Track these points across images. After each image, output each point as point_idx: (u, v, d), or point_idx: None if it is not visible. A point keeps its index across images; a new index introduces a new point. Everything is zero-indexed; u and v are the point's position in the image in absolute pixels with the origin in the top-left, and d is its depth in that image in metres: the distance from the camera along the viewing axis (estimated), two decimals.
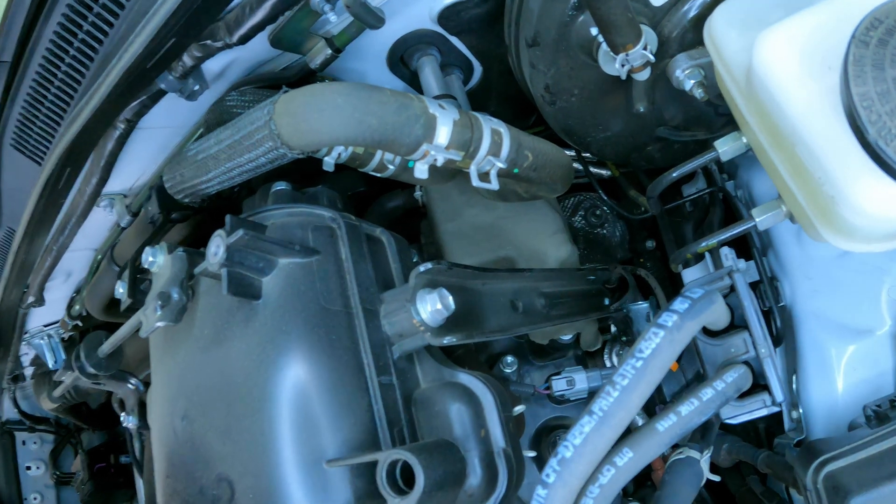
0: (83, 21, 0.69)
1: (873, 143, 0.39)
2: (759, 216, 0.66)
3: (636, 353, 0.48)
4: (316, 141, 0.59)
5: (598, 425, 0.47)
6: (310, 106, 0.58)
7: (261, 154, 0.61)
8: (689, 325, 0.49)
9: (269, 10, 0.65)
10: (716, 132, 0.87)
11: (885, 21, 0.39)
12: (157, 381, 0.71)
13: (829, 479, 0.63)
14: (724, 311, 0.52)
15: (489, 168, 0.67)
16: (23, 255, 1.01)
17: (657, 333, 0.48)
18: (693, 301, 0.51)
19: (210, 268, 0.59)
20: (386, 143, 0.59)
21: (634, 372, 0.48)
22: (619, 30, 0.62)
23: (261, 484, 0.55)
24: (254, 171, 0.66)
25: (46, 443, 1.93)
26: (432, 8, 0.81)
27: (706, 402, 0.52)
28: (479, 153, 0.65)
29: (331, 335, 0.60)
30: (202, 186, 0.71)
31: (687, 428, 0.51)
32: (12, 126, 0.90)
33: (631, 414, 0.48)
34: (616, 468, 0.48)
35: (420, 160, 0.63)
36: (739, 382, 0.56)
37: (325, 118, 0.57)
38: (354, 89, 0.59)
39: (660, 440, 0.50)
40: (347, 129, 0.57)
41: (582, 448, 0.47)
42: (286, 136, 0.58)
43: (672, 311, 0.50)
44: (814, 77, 0.44)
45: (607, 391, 0.48)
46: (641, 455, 0.49)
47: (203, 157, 0.68)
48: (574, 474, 0.47)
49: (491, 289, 0.75)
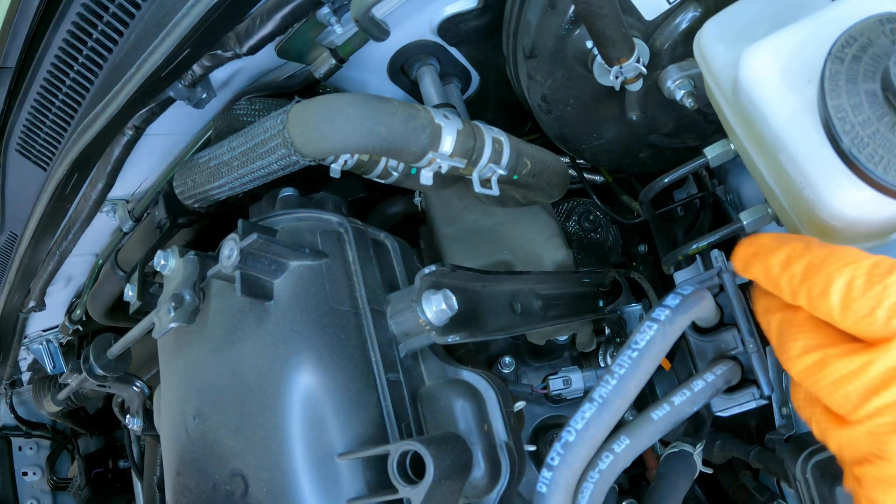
0: (93, 29, 0.70)
1: (847, 151, 0.43)
2: (746, 219, 0.69)
3: (632, 344, 0.51)
4: (328, 149, 0.61)
5: (598, 411, 0.50)
6: (322, 115, 0.60)
7: (273, 161, 0.63)
8: (680, 318, 0.52)
9: (278, 22, 0.67)
10: (705, 139, 0.91)
11: (860, 39, 0.42)
12: (168, 382, 0.72)
13: (818, 469, 0.67)
14: (712, 308, 0.55)
15: (490, 175, 0.70)
16: (27, 259, 1.02)
17: (651, 326, 0.51)
18: (684, 297, 0.54)
19: (224, 270, 0.61)
20: (394, 151, 0.62)
21: (630, 362, 0.50)
22: (613, 44, 0.66)
23: (274, 477, 0.57)
24: (265, 178, 0.68)
25: (43, 448, 1.92)
26: (433, 20, 0.84)
27: (697, 393, 0.56)
28: (482, 161, 0.68)
29: (340, 334, 0.62)
30: (213, 192, 0.73)
31: (679, 417, 0.54)
32: (18, 131, 0.91)
33: (628, 401, 0.51)
34: (614, 454, 0.51)
35: (425, 168, 0.65)
36: (728, 375, 0.59)
37: (336, 127, 0.60)
38: (365, 100, 0.62)
39: (654, 428, 0.53)
40: (358, 138, 0.60)
41: (584, 432, 0.50)
42: (299, 144, 0.61)
43: (664, 305, 0.53)
44: (794, 90, 0.47)
45: (606, 380, 0.51)
46: (638, 442, 0.52)
47: (216, 163, 0.70)
48: (577, 457, 0.50)
49: (491, 291, 0.78)
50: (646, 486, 1.09)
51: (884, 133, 0.42)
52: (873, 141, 0.42)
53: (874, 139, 0.42)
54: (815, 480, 0.67)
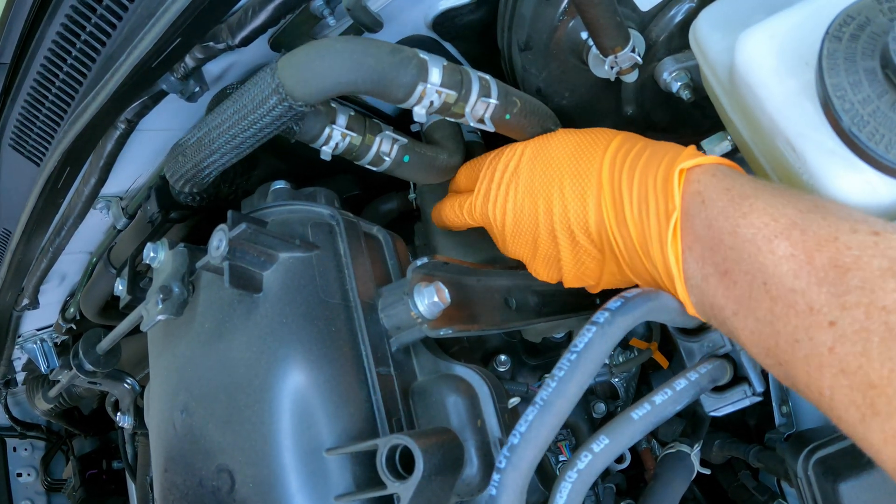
0: (86, 22, 0.70)
1: (847, 129, 0.42)
2: None
3: (572, 347, 0.52)
4: (320, 87, 0.61)
5: (540, 413, 0.50)
6: (311, 54, 0.61)
7: (266, 113, 0.62)
8: (621, 320, 0.52)
9: (271, 13, 0.67)
10: (702, 135, 0.90)
11: (857, 17, 0.42)
12: (157, 377, 0.71)
13: (819, 466, 0.65)
14: (670, 306, 0.54)
15: (483, 112, 0.69)
16: (20, 255, 1.01)
17: (590, 329, 0.52)
18: (625, 300, 0.54)
19: (212, 261, 0.60)
20: (385, 83, 0.62)
21: (569, 364, 0.51)
22: (607, 33, 0.65)
23: (261, 472, 0.56)
24: (257, 136, 0.66)
25: (37, 449, 1.91)
26: (427, 14, 0.83)
27: (680, 392, 0.55)
28: (472, 95, 0.68)
29: (330, 327, 0.61)
30: (205, 165, 0.72)
31: (661, 416, 0.53)
32: (11, 126, 0.90)
33: (570, 402, 0.51)
34: (593, 454, 0.51)
35: (417, 104, 0.65)
36: (714, 374, 0.58)
37: (326, 63, 0.60)
38: (350, 38, 0.63)
39: (635, 428, 0.52)
40: (349, 72, 0.60)
41: (527, 434, 0.50)
42: (291, 86, 0.60)
43: (606, 309, 0.53)
44: (791, 73, 0.46)
45: (547, 383, 0.52)
46: (617, 442, 0.52)
47: (205, 130, 0.69)
48: (523, 458, 0.50)
49: (485, 285, 0.77)
50: (644, 486, 1.07)
51: (884, 111, 0.41)
52: (874, 119, 0.41)
53: (874, 117, 0.41)
54: (816, 478, 0.66)
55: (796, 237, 0.44)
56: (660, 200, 0.54)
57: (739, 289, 0.47)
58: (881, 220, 0.42)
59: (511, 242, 0.73)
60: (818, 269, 0.42)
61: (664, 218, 0.54)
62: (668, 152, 0.57)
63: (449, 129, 0.86)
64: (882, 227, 0.41)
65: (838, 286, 0.40)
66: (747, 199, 0.48)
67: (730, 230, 0.48)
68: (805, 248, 0.43)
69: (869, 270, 0.39)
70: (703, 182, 0.53)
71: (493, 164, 0.74)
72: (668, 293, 0.55)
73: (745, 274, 0.47)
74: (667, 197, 0.54)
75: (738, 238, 0.47)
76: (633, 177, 0.58)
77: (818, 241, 0.42)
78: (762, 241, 0.46)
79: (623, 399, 1.05)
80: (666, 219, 0.53)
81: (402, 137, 0.77)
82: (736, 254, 0.48)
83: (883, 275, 0.39)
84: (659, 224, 0.54)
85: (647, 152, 0.59)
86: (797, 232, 0.44)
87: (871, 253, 0.40)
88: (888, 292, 0.38)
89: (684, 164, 0.54)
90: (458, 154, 0.83)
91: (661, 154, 0.58)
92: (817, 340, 0.41)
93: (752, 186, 0.50)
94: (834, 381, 0.40)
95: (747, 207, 0.48)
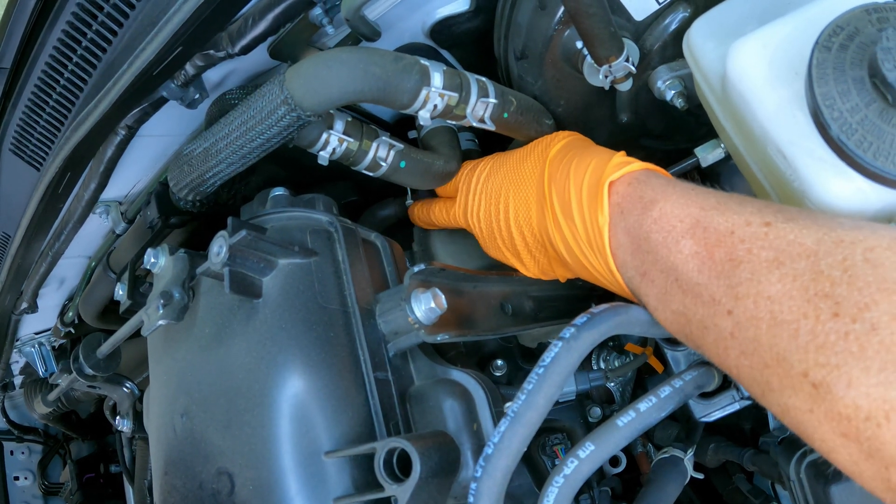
0: (88, 29, 0.71)
1: (836, 138, 0.43)
2: None
3: (540, 362, 0.54)
4: (327, 96, 0.62)
5: (511, 424, 0.53)
6: (319, 65, 0.62)
7: (274, 123, 0.63)
8: (586, 334, 0.54)
9: (270, 22, 0.68)
10: (696, 142, 0.91)
11: (847, 28, 0.43)
12: (157, 381, 0.72)
13: (811, 469, 0.66)
14: (642, 319, 0.56)
15: (483, 112, 0.72)
16: (19, 259, 1.02)
17: (557, 345, 0.54)
18: (592, 315, 0.56)
19: (213, 267, 0.61)
20: (391, 90, 0.64)
21: (537, 378, 0.53)
22: (602, 43, 0.66)
23: (261, 476, 0.57)
24: (264, 147, 0.67)
25: (35, 453, 1.90)
26: (425, 22, 0.84)
27: (664, 399, 0.56)
28: (472, 96, 0.70)
29: (328, 332, 0.62)
30: (209, 175, 0.72)
31: (646, 423, 0.54)
32: (12, 131, 0.91)
33: (540, 414, 0.53)
34: (579, 460, 0.52)
35: (422, 108, 0.67)
36: (699, 380, 0.59)
37: (334, 73, 0.61)
38: (354, 48, 0.65)
39: (620, 435, 0.54)
40: (356, 81, 0.62)
41: (500, 444, 0.52)
42: (299, 97, 0.62)
43: (573, 325, 0.55)
44: (782, 82, 0.47)
45: (518, 396, 0.54)
46: (603, 448, 0.53)
47: (211, 142, 0.70)
48: (497, 468, 0.52)
49: (482, 291, 0.78)
50: (640, 490, 1.08)
51: (872, 119, 0.42)
52: (862, 127, 0.42)
53: (863, 125, 0.42)
54: (808, 480, 0.67)
55: (699, 235, 0.49)
56: (585, 211, 0.60)
57: (657, 286, 0.53)
58: (777, 208, 0.46)
59: (489, 246, 0.81)
60: (717, 263, 0.46)
61: (592, 227, 0.59)
62: (592, 161, 0.63)
63: (446, 135, 0.87)
64: (773, 217, 0.45)
65: (731, 278, 0.45)
66: (657, 203, 0.53)
67: (644, 236, 0.54)
68: (707, 244, 0.48)
69: (757, 262, 0.44)
70: (620, 193, 0.58)
71: (469, 175, 0.81)
72: (639, 307, 0.59)
73: (660, 273, 0.52)
74: (593, 208, 0.59)
75: (651, 243, 0.53)
76: (564, 186, 0.64)
77: (718, 237, 0.47)
78: (672, 242, 0.51)
79: (619, 403, 1.05)
80: (595, 228, 0.59)
81: (398, 143, 0.78)
82: (652, 256, 0.53)
83: (769, 266, 0.43)
84: (588, 233, 0.60)
85: (573, 162, 0.65)
86: (700, 230, 0.49)
87: (760, 245, 0.44)
88: (772, 283, 0.42)
89: (612, 175, 0.59)
90: (454, 160, 0.84)
91: (585, 164, 0.63)
92: (721, 327, 0.46)
93: (662, 190, 0.55)
94: (738, 361, 0.45)
95: (657, 212, 0.53)
